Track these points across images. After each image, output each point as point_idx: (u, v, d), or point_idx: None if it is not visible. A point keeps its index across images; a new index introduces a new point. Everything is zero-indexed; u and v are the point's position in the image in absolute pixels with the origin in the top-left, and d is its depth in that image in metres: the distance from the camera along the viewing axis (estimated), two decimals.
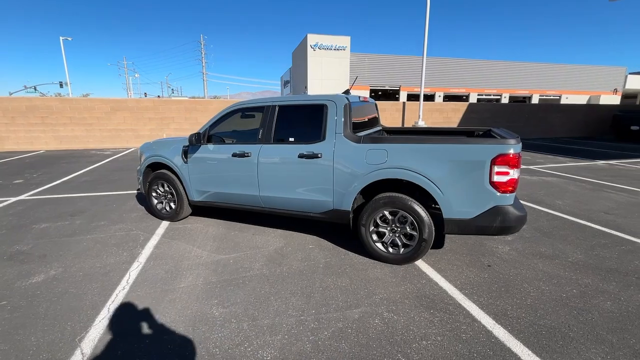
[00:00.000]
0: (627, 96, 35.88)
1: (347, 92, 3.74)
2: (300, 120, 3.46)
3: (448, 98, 30.19)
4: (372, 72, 28.07)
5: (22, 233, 3.94)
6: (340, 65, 26.12)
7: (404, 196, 2.96)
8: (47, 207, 4.91)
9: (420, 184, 2.85)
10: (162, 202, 4.33)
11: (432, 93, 29.23)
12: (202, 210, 4.58)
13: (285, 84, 40.02)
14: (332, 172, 3.19)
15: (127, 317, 2.39)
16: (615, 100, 32.89)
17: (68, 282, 2.86)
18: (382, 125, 4.52)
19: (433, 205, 3.12)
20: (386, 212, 3.05)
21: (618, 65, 33.59)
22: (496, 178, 2.68)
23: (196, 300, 2.59)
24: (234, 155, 3.63)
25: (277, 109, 3.51)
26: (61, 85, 33.97)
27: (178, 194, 4.12)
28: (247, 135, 3.88)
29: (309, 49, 25.51)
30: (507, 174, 2.66)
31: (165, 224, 4.26)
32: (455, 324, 2.29)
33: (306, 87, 26.41)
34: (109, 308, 2.49)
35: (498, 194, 2.70)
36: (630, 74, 34.95)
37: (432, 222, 2.93)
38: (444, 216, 2.86)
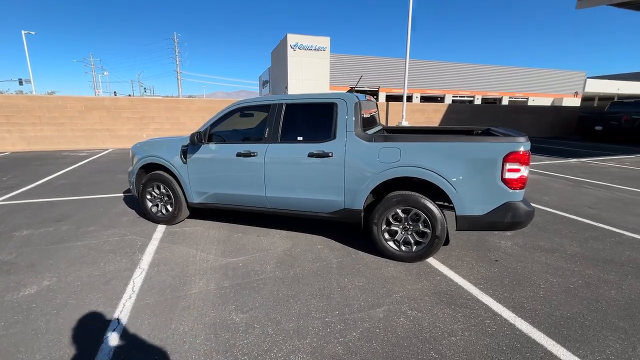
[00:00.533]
0: (586, 99, 38.36)
1: (351, 90, 3.73)
2: (309, 119, 3.41)
3: (424, 99, 31.04)
4: (351, 73, 28.33)
5: (2, 241, 3.62)
6: (320, 65, 26.16)
7: (417, 194, 2.99)
8: (26, 213, 4.54)
9: (434, 181, 2.89)
10: (157, 205, 4.12)
11: (410, 94, 29.94)
12: (199, 212, 4.40)
13: (264, 84, 39.54)
14: (343, 171, 3.16)
15: (140, 327, 2.24)
16: (576, 102, 35.09)
17: (66, 292, 2.65)
18: (382, 125, 4.55)
19: (443, 203, 3.17)
20: (399, 210, 3.06)
21: (578, 70, 35.86)
22: (508, 175, 2.76)
23: (212, 306, 2.48)
24: (239, 154, 3.51)
25: (284, 107, 3.44)
26: (21, 83, 31.61)
27: (176, 196, 3.94)
28: (250, 134, 3.78)
29: (289, 49, 25.36)
30: (518, 170, 2.74)
31: (161, 227, 4.06)
32: (478, 319, 2.33)
33: (286, 87, 26.24)
34: (118, 319, 2.32)
35: (510, 190, 2.79)
36: (589, 78, 37.50)
37: (444, 219, 2.98)
38: (457, 213, 2.91)
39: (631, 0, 13.04)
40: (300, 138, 3.36)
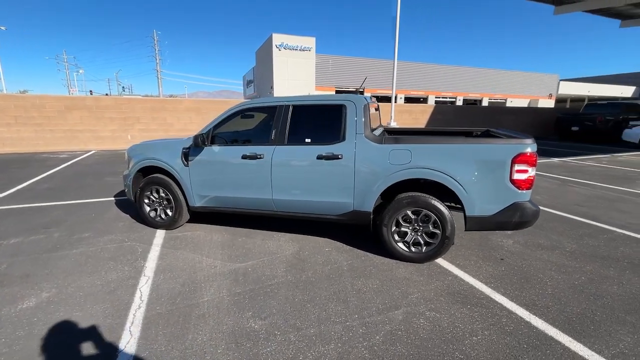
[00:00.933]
0: (560, 100, 40.34)
1: (356, 91, 3.73)
2: (317, 121, 3.38)
3: (408, 100, 31.55)
4: (336, 73, 28.45)
5: None
6: (306, 66, 26.11)
7: (427, 195, 3.02)
8: (12, 219, 4.28)
9: (445, 183, 2.93)
10: (155, 210, 3.98)
11: (395, 95, 30.35)
12: (198, 216, 4.28)
13: (248, 83, 39.07)
14: (353, 173, 3.15)
15: (156, 338, 2.14)
16: (550, 103, 36.74)
17: (68, 304, 2.51)
18: (382, 126, 4.57)
19: (450, 204, 3.22)
20: (409, 212, 3.08)
21: (552, 72, 37.44)
22: (516, 176, 2.83)
23: (228, 314, 2.41)
24: (244, 157, 3.44)
25: (290, 109, 3.39)
26: None
27: (176, 200, 3.81)
28: (253, 136, 3.71)
29: (274, 49, 25.18)
30: (526, 172, 2.82)
31: (160, 232, 3.92)
32: (495, 318, 2.37)
33: (272, 87, 26.04)
34: (130, 330, 2.22)
35: (518, 191, 2.86)
36: (561, 80, 39.27)
37: (453, 219, 3.02)
38: (467, 214, 2.96)
39: (603, 7, 13.77)
40: (308, 140, 3.33)
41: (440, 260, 3.23)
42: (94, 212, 4.63)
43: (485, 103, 34.48)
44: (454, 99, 33.25)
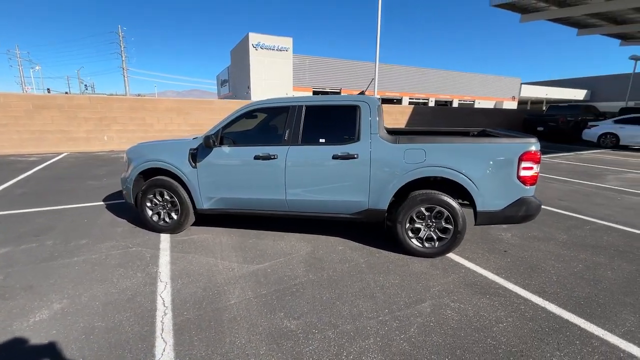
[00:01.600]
0: (521, 102, 43.13)
1: (362, 93, 3.82)
2: (331, 121, 3.42)
3: (383, 101, 32.20)
4: (313, 73, 28.55)
5: None
6: (283, 66, 25.98)
7: (440, 192, 3.15)
8: None
9: (459, 180, 3.07)
10: (159, 213, 3.83)
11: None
12: (201, 219, 4.16)
13: (222, 83, 38.20)
14: (369, 173, 3.23)
15: (192, 344, 2.09)
16: (513, 105, 39.12)
17: (87, 314, 2.38)
18: (386, 127, 4.68)
19: (459, 200, 3.38)
20: (422, 209, 3.20)
21: (515, 76, 39.85)
22: (523, 173, 3.03)
23: (260, 315, 2.40)
24: (257, 157, 3.41)
25: (304, 109, 3.41)
26: None
27: (182, 203, 3.70)
28: (264, 137, 3.68)
29: (251, 49, 24.84)
30: (531, 169, 3.03)
31: (165, 237, 3.78)
32: (514, 305, 2.54)
33: (249, 87, 25.66)
34: (163, 337, 2.15)
35: (524, 187, 3.07)
36: (523, 83, 41.95)
37: (464, 215, 3.18)
38: (478, 209, 3.13)
39: (563, 17, 14.93)
40: (322, 140, 3.36)
41: (451, 255, 3.38)
42: (84, 217, 4.38)
43: (455, 104, 36.06)
44: (426, 100, 34.45)
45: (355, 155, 3.23)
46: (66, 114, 9.44)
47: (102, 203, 5.02)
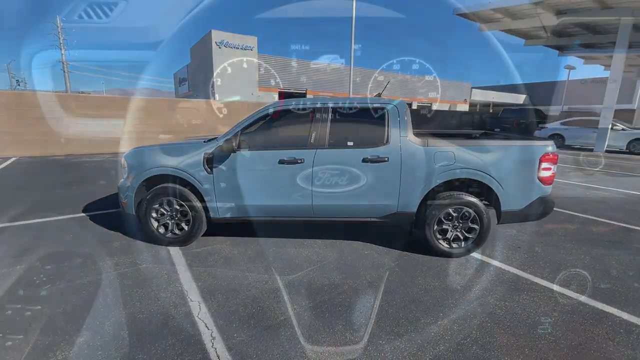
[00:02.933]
0: (471, 105, 46.70)
1: (379, 95, 3.81)
2: (360, 124, 3.35)
3: None
4: (279, 75, 28.20)
5: None
6: (248, 65, 25.33)
7: (467, 194, 3.24)
8: None
9: (486, 181, 3.18)
10: (166, 225, 3.48)
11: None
12: (208, 229, 3.84)
13: (180, 81, 36.16)
14: (399, 176, 3.21)
15: None
16: (465, 108, 42.10)
17: (120, 346, 2.06)
18: None
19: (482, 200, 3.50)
20: (450, 210, 3.26)
21: (466, 81, 42.88)
22: (542, 173, 3.22)
23: (317, 330, 2.25)
24: (282, 162, 3.24)
25: (330, 111, 3.30)
26: None
27: (195, 212, 3.39)
28: (286, 140, 3.50)
29: (214, 47, 23.88)
30: (550, 169, 3.23)
31: (175, 250, 3.44)
32: (552, 299, 2.67)
33: (213, 87, 24.61)
34: None
35: (543, 186, 3.25)
36: (473, 87, 45.35)
37: (489, 214, 3.30)
38: (502, 209, 3.26)
39: (514, 28, 16.37)
40: (350, 143, 3.28)
41: (474, 254, 3.48)
42: (68, 232, 3.84)
43: (414, 106, 37.87)
44: None
45: (386, 159, 3.20)
46: (14, 113, 8.22)
47: (83, 214, 4.45)
